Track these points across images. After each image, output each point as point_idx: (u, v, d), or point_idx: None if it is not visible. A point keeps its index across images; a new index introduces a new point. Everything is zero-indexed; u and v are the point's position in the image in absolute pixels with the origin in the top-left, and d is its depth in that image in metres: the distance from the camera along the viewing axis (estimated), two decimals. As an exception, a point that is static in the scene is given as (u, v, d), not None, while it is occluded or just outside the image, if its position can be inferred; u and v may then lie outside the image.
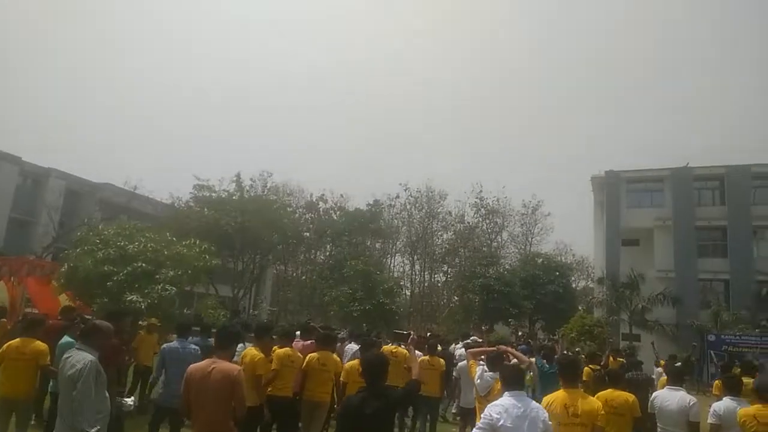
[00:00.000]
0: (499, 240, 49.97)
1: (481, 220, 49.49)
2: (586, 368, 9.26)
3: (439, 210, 48.91)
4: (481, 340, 12.19)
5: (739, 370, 9.06)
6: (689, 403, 5.85)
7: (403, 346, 8.05)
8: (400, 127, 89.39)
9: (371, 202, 44.99)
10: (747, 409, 5.23)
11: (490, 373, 6.05)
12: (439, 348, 10.74)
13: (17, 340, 5.98)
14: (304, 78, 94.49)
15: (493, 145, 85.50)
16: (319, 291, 34.49)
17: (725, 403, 5.65)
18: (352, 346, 9.97)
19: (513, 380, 4.45)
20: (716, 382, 8.74)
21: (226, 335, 4.85)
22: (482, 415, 4.32)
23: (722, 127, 73.82)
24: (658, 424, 6.06)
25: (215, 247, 31.43)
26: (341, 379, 7.00)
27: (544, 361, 9.04)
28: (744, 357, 22.45)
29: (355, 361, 6.91)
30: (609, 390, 6.01)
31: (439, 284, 48.62)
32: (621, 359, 10.63)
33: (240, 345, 6.83)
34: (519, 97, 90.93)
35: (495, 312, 32.14)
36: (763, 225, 31.66)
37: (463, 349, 10.67)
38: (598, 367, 9.64)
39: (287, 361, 6.73)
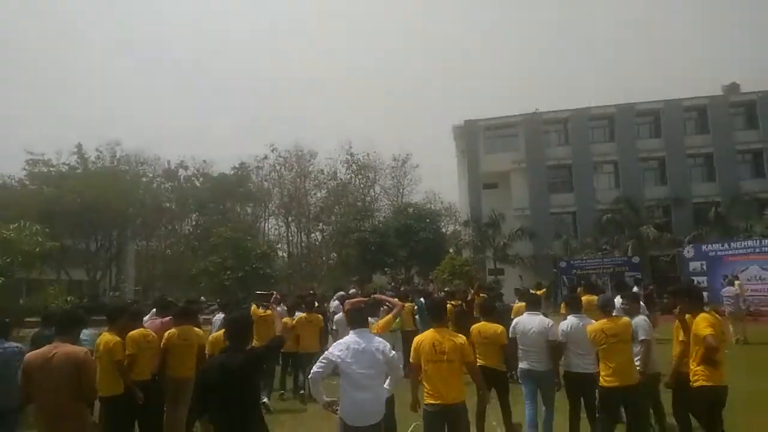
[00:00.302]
0: (372, 194, 50.69)
1: (353, 176, 49.61)
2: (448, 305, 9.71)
3: (310, 169, 48.15)
4: (359, 292, 12.26)
5: (580, 289, 10.02)
6: (548, 325, 6.26)
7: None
8: (268, 90, 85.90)
9: (237, 166, 42.83)
10: (594, 325, 5.66)
11: (372, 318, 6.13)
12: (316, 304, 10.58)
13: None
14: (151, 37, 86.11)
15: (360, 100, 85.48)
16: (187, 264, 32.55)
17: (569, 321, 6.15)
18: (220, 316, 9.46)
19: (356, 320, 4.67)
20: (561, 303, 9.54)
21: (66, 319, 4.60)
22: (326, 352, 4.49)
23: (568, 72, 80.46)
24: (519, 347, 6.39)
25: (57, 228, 28.34)
26: (206, 351, 6.58)
27: (423, 300, 9.97)
28: (590, 279, 25.40)
29: (220, 332, 6.42)
30: (482, 323, 6.52)
31: (317, 243, 48.27)
32: (483, 294, 11.32)
33: (87, 331, 6.37)
34: (381, 50, 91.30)
35: (372, 264, 32.80)
36: (601, 161, 35.52)
37: (337, 302, 10.87)
38: (459, 302, 10.30)
39: (143, 342, 6.06)
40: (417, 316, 10.77)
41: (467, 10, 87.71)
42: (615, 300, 6.63)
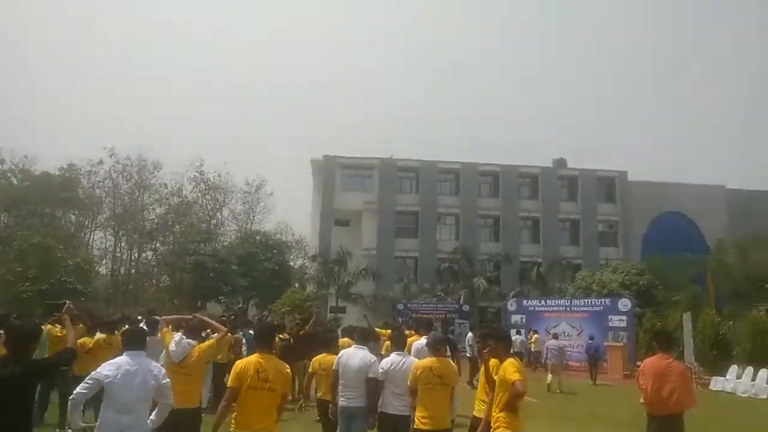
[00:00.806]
0: (219, 217, 48.23)
1: (200, 195, 46.83)
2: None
3: (152, 181, 44.36)
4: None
5: (410, 331, 10.23)
6: (369, 361, 6.02)
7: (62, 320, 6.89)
8: (115, 88, 78.60)
9: (65, 166, 37.96)
10: (423, 362, 5.48)
11: (188, 340, 5.81)
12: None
13: None
14: None
15: (217, 122, 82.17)
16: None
17: (391, 358, 5.98)
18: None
19: (132, 341, 4.55)
20: (386, 343, 9.57)
21: None
22: (94, 372, 4.26)
23: (425, 123, 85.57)
24: (341, 381, 6.12)
25: None
26: None
27: (251, 333, 9.74)
28: (427, 320, 26.33)
29: None
30: (322, 354, 6.70)
31: (148, 262, 44.17)
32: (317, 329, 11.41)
33: None
34: (248, 75, 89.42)
35: (208, 290, 30.77)
36: (444, 212, 37.82)
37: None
38: (287, 337, 10.74)
39: None
40: (244, 349, 10.19)
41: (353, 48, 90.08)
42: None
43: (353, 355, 6.27)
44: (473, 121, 79.59)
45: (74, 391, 4.12)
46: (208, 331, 7.26)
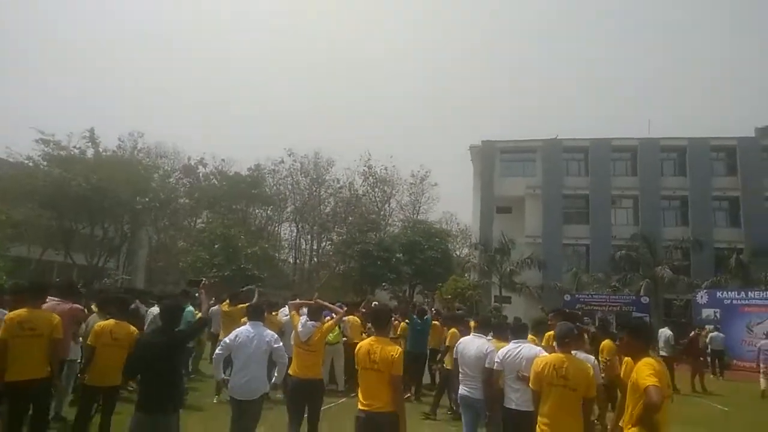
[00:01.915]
0: (387, 208, 50.16)
1: (369, 188, 49.21)
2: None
3: (326, 177, 47.84)
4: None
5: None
6: (486, 350, 5.62)
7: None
8: (290, 96, 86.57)
9: (252, 167, 42.75)
10: (545, 357, 4.76)
11: (312, 322, 6.41)
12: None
13: None
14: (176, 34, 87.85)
15: (380, 117, 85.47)
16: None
17: (508, 347, 5.48)
18: (154, 310, 9.33)
19: (252, 314, 5.87)
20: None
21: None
22: (223, 339, 5.75)
23: (588, 101, 79.30)
24: (460, 369, 6.02)
25: (63, 211, 28.24)
26: (89, 342, 5.74)
27: (416, 317, 10.17)
28: (595, 314, 24.22)
29: (110, 322, 5.81)
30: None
31: (326, 252, 47.74)
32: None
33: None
34: (406, 69, 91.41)
35: (373, 277, 32.05)
36: (620, 195, 34.26)
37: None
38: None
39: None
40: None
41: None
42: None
43: (470, 343, 5.98)
44: (650, 91, 71.25)
45: (215, 353, 5.71)
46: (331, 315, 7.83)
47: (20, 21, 76.49)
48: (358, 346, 4.77)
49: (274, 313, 9.40)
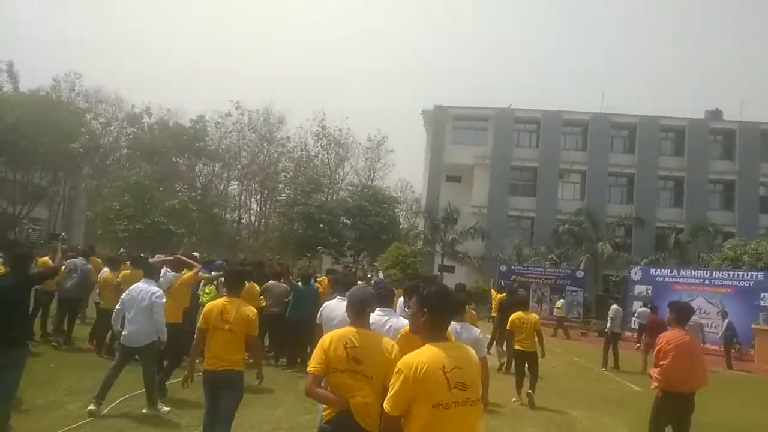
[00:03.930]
0: (341, 172, 48.79)
1: (322, 150, 47.61)
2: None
3: (277, 135, 45.94)
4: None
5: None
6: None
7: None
8: (240, 45, 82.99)
9: (195, 118, 40.47)
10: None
11: (173, 273, 7.51)
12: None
13: None
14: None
15: (338, 73, 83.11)
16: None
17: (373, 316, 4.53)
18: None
19: (149, 273, 6.43)
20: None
21: None
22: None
23: (540, 72, 79.19)
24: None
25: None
26: None
27: (299, 282, 9.63)
28: (530, 286, 23.94)
29: None
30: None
31: (270, 213, 46.25)
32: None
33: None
34: (371, 29, 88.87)
35: (314, 240, 31.01)
36: (568, 169, 33.94)
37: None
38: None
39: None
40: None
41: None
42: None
43: (336, 307, 4.84)
44: (604, 69, 71.44)
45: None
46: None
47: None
48: (209, 306, 4.72)
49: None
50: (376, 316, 4.37)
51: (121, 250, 18.45)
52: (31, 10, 68.09)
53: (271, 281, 9.68)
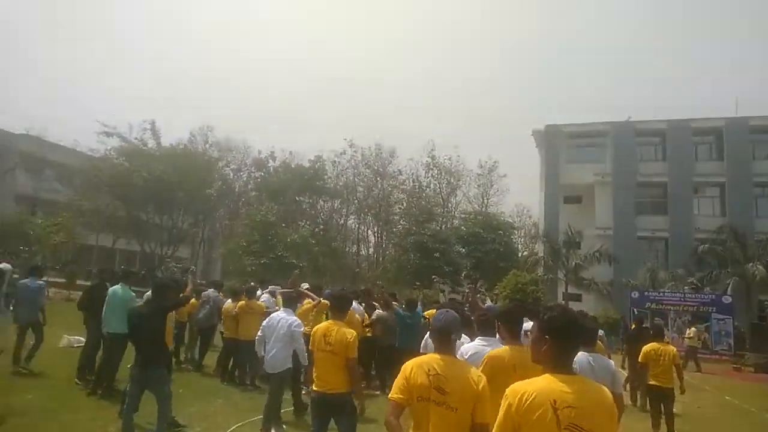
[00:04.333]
0: (453, 201, 48.67)
1: (432, 179, 47.92)
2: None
3: (389, 169, 47.09)
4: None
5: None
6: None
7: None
8: (351, 84, 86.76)
9: (313, 158, 42.85)
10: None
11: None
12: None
13: None
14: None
15: (448, 105, 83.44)
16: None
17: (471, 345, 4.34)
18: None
19: (289, 302, 6.90)
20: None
21: None
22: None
23: (662, 83, 72.95)
24: None
25: (131, 202, 29.52)
26: None
27: (404, 309, 9.27)
28: (668, 314, 21.75)
29: None
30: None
31: (386, 244, 47.09)
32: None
33: None
34: (472, 57, 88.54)
35: (429, 270, 30.86)
36: (703, 182, 30.81)
37: (266, 294, 10.87)
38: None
39: None
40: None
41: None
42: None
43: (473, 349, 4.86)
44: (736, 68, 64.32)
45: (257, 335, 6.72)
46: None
47: (85, 21, 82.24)
48: (314, 328, 4.97)
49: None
50: (478, 345, 4.22)
51: (251, 282, 19.91)
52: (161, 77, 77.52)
53: (379, 311, 9.78)
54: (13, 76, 75.35)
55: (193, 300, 9.82)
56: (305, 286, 10.38)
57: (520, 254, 39.13)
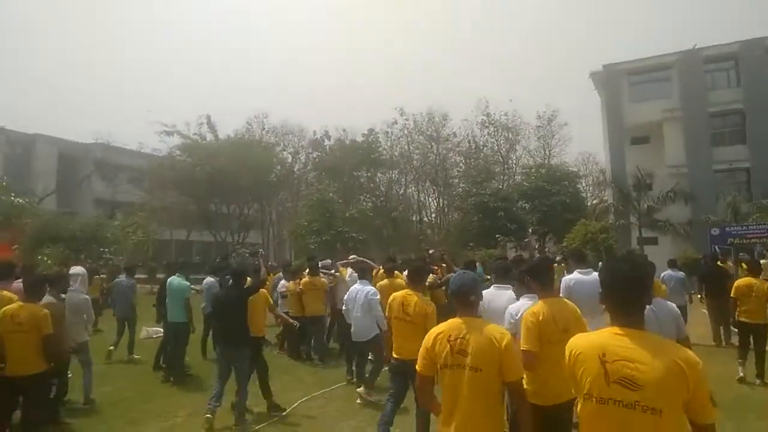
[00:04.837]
0: (513, 157, 47.42)
1: (490, 137, 46.78)
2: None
3: (443, 132, 46.32)
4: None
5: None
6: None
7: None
8: (393, 54, 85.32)
9: (366, 132, 42.85)
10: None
11: (356, 274, 8.04)
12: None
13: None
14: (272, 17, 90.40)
15: (495, 58, 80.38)
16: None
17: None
18: (209, 280, 9.72)
19: (361, 274, 7.31)
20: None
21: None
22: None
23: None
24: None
25: (198, 195, 30.86)
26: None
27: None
28: (755, 248, 20.35)
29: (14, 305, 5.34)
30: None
31: (446, 209, 46.68)
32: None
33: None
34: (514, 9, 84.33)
35: (492, 230, 30.42)
36: (786, 102, 28.18)
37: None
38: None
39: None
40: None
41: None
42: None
43: (495, 295, 5.03)
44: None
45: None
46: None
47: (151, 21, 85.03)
48: (391, 296, 5.16)
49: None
50: (522, 303, 4.18)
51: (316, 259, 20.60)
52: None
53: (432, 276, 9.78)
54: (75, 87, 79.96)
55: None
56: (353, 258, 10.60)
57: (588, 203, 37.74)
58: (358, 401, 6.48)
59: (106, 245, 18.94)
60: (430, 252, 11.52)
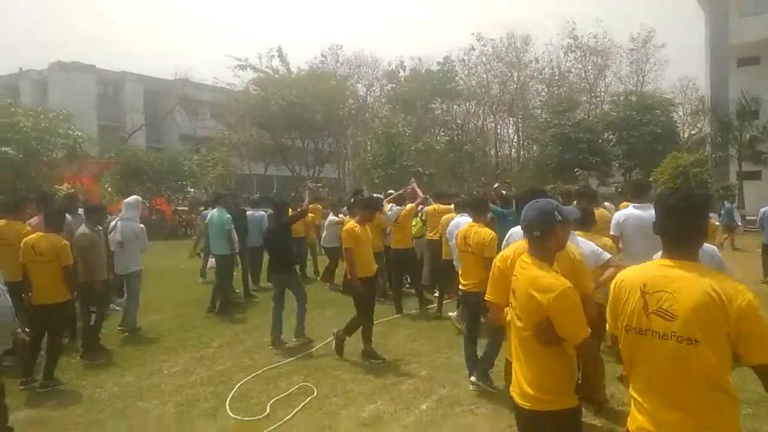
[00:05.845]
0: (602, 84, 43.78)
1: (576, 62, 43.28)
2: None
3: (525, 59, 43.36)
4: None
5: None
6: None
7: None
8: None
9: (441, 60, 40.95)
10: None
11: (398, 207, 8.44)
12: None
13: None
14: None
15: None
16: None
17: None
18: (207, 213, 9.87)
19: (457, 208, 7.53)
20: None
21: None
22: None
23: None
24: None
25: (274, 130, 31.38)
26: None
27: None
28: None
29: None
30: None
31: (525, 141, 44.49)
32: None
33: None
34: None
35: (572, 163, 28.75)
36: None
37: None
38: None
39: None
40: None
41: None
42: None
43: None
44: None
45: None
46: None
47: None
48: (458, 231, 5.39)
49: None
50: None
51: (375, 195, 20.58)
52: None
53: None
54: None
55: (311, 215, 10.13)
56: (390, 192, 10.18)
57: (684, 134, 34.57)
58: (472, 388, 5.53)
59: (182, 179, 19.87)
60: (495, 186, 10.99)
